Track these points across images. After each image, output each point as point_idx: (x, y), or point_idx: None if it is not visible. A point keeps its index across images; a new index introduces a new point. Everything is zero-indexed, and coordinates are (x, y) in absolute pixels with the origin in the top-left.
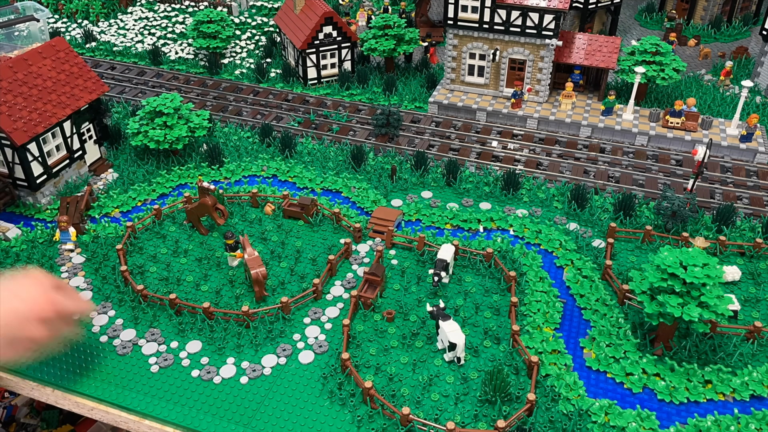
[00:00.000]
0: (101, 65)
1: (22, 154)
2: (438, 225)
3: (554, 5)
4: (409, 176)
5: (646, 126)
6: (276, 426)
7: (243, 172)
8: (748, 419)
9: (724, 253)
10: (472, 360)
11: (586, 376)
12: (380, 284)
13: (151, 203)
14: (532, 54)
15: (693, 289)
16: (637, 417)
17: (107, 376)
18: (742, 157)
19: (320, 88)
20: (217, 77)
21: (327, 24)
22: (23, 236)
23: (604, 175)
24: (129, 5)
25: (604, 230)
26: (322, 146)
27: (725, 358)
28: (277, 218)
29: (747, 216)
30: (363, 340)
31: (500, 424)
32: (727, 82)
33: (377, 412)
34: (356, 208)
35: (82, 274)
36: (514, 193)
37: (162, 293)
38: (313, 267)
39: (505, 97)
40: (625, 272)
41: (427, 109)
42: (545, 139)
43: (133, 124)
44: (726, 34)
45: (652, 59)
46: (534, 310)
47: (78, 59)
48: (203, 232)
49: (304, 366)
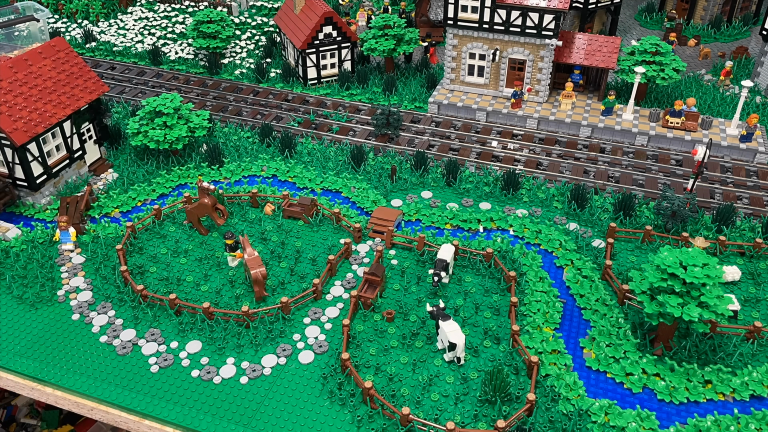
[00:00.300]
0: (101, 65)
1: (22, 154)
2: (438, 225)
3: (554, 5)
4: (409, 176)
5: (646, 126)
6: (276, 426)
7: (243, 172)
8: (748, 419)
9: (724, 253)
10: (472, 360)
11: (586, 376)
12: (380, 284)
13: (151, 203)
14: (532, 54)
15: (693, 289)
16: (637, 417)
17: (107, 376)
18: (742, 157)
19: (320, 88)
20: (217, 77)
21: (327, 24)
22: (23, 236)
23: (604, 175)
24: (129, 5)
25: (604, 230)
26: (322, 146)
27: (725, 358)
28: (277, 218)
29: (747, 216)
30: (363, 340)
31: (500, 424)
32: (727, 82)
33: (377, 412)
34: (356, 208)
35: (82, 274)
36: (514, 193)
37: (162, 293)
38: (313, 267)
39: (505, 97)
40: (625, 272)
41: (427, 109)
42: (545, 139)
43: (133, 124)
44: (726, 34)
45: (652, 59)
46: (534, 310)
47: (78, 59)
48: (203, 232)
49: (304, 366)
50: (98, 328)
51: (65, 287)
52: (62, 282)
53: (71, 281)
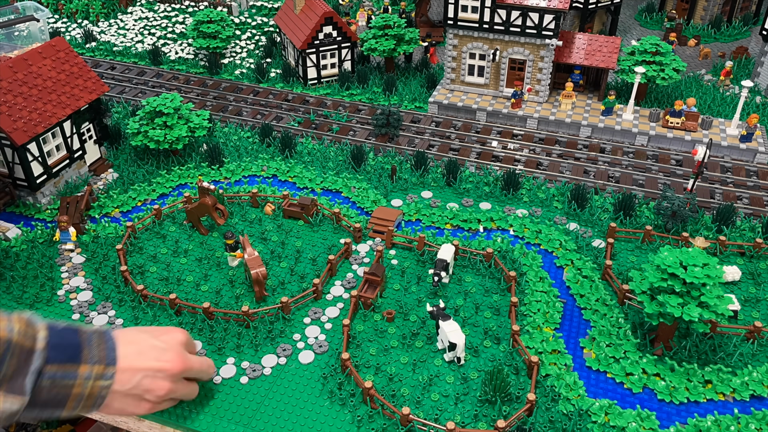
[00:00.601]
0: (101, 65)
1: (22, 154)
2: (438, 225)
3: (554, 5)
4: (409, 176)
5: (646, 126)
6: (276, 426)
7: (243, 172)
8: (748, 419)
9: (724, 253)
10: (472, 360)
11: (586, 376)
12: (380, 284)
13: (151, 203)
14: (532, 54)
15: (693, 289)
16: (637, 417)
17: None
18: (742, 157)
19: (320, 88)
20: (217, 77)
21: (327, 24)
22: (23, 236)
23: (604, 175)
24: (129, 5)
25: (604, 230)
26: (322, 146)
27: (725, 358)
28: (277, 218)
29: (747, 216)
30: (363, 340)
31: (500, 424)
32: (727, 82)
33: (377, 412)
34: (356, 208)
35: (82, 274)
36: (514, 193)
37: (162, 293)
38: (313, 267)
39: (505, 97)
40: (625, 272)
41: (427, 109)
42: (545, 139)
43: (133, 124)
44: (726, 34)
45: (652, 59)
46: (534, 310)
47: (78, 59)
48: (203, 232)
49: (304, 366)
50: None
51: (65, 287)
52: (62, 282)
53: (71, 281)
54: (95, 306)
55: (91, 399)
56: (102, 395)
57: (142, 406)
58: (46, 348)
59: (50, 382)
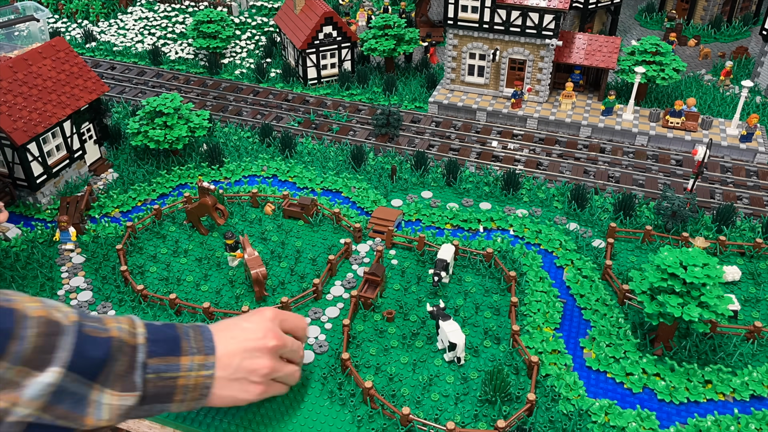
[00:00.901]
0: (101, 65)
1: (22, 154)
2: (438, 225)
3: (554, 5)
4: (409, 176)
5: (646, 126)
6: (276, 426)
7: (243, 172)
8: (748, 419)
9: (724, 253)
10: (472, 360)
11: (586, 376)
12: (380, 284)
13: (151, 203)
14: (532, 54)
15: (693, 289)
16: (637, 417)
17: None
18: (742, 157)
19: (320, 88)
20: (217, 77)
21: (327, 24)
22: (23, 236)
23: (604, 175)
24: (129, 5)
25: (604, 230)
26: (322, 146)
27: (725, 358)
28: (277, 218)
29: (747, 216)
30: (363, 340)
31: (500, 424)
32: (727, 82)
33: (377, 412)
34: (356, 208)
35: (82, 274)
36: (514, 193)
37: (162, 293)
38: (313, 267)
39: (505, 97)
40: (625, 272)
41: (427, 109)
42: (545, 139)
43: (133, 124)
44: (726, 34)
45: (652, 59)
46: (534, 310)
47: (78, 59)
48: (203, 232)
49: (304, 366)
50: None
51: (65, 287)
52: (62, 282)
53: (71, 281)
54: (95, 306)
55: (197, 390)
56: (206, 385)
57: (251, 390)
58: (147, 343)
59: (155, 375)
